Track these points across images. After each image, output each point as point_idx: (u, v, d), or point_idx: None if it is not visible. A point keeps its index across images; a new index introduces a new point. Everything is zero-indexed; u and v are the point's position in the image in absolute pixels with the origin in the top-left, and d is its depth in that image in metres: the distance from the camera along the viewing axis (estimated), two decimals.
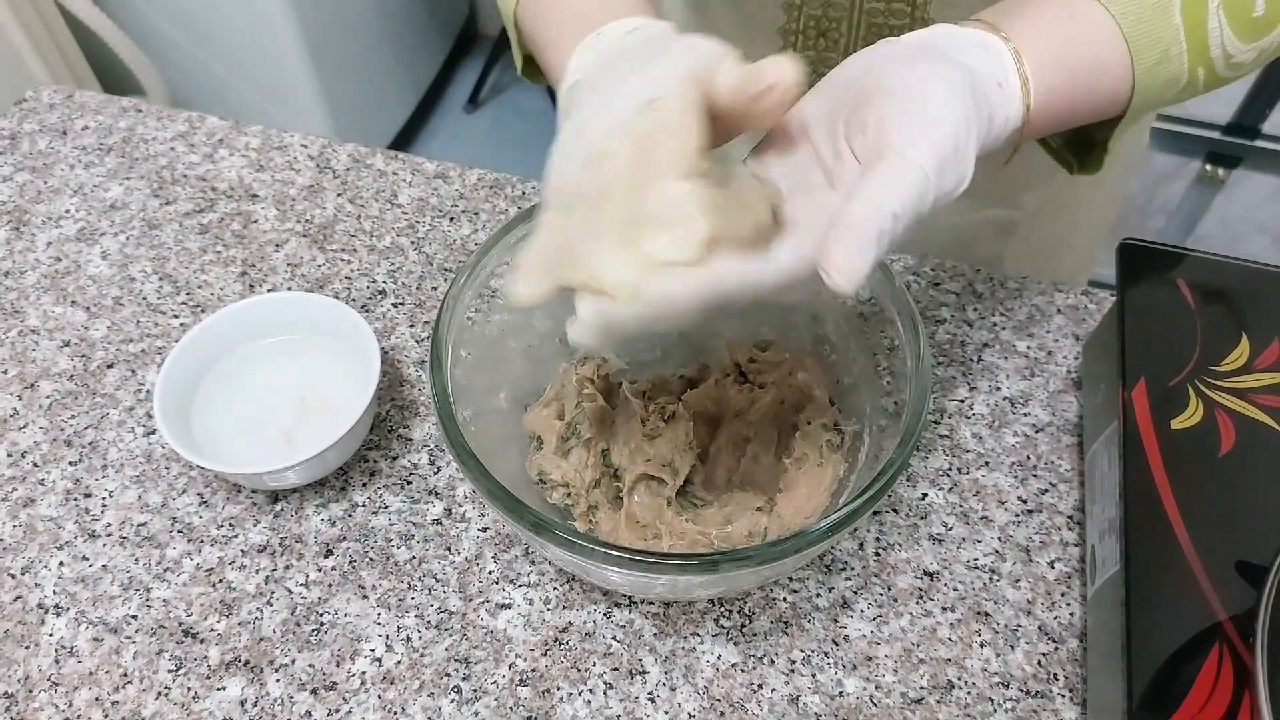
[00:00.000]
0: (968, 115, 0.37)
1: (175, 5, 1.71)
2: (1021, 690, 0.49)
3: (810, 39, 0.60)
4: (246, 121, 0.78)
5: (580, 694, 0.50)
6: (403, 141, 2.12)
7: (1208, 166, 1.55)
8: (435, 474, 0.58)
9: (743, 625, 0.52)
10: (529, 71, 0.53)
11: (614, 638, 0.51)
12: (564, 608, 0.52)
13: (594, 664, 0.51)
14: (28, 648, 0.51)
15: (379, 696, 0.50)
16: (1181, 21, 0.43)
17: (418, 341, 0.64)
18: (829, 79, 0.41)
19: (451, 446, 0.45)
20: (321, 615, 0.52)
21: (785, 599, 0.53)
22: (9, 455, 0.59)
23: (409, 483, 0.57)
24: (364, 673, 0.50)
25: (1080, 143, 0.50)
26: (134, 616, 0.52)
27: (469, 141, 2.18)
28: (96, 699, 0.50)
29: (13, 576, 0.54)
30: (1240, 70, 0.46)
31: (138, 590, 0.53)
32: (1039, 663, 0.50)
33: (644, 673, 0.50)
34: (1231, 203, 1.58)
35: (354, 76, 1.88)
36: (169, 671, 0.51)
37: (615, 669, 0.50)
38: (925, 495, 0.56)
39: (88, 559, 0.55)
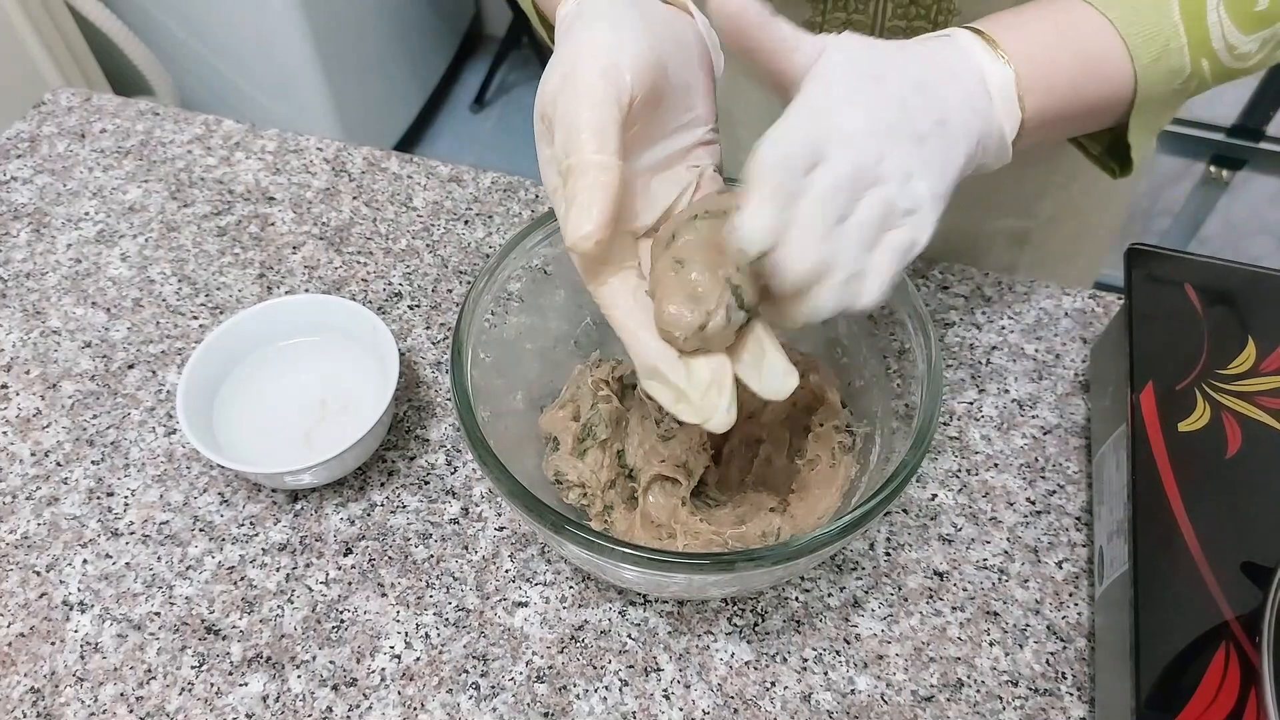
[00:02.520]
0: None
1: (183, 6, 1.72)
2: (1030, 689, 0.50)
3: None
4: (253, 121, 0.79)
5: (596, 691, 0.51)
6: (409, 141, 2.13)
7: (1212, 168, 1.55)
8: (452, 474, 0.59)
9: (755, 624, 0.53)
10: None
11: (629, 636, 0.52)
12: (580, 606, 0.53)
13: (609, 661, 0.51)
14: (54, 644, 0.52)
15: (399, 693, 0.50)
16: (1180, 18, 0.45)
17: (434, 343, 0.65)
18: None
19: (473, 447, 0.45)
20: (341, 613, 0.53)
21: (797, 598, 0.53)
22: (32, 454, 0.60)
23: (426, 483, 0.58)
24: (384, 669, 0.51)
25: (1118, 148, 0.52)
26: (157, 613, 0.53)
27: (475, 141, 2.19)
28: (121, 694, 0.51)
29: (38, 574, 0.55)
30: (1248, 61, 0.47)
31: (160, 588, 0.54)
32: (1047, 661, 0.51)
33: (659, 670, 0.51)
34: (1235, 205, 1.59)
35: (361, 76, 1.89)
36: (192, 668, 0.51)
37: (630, 666, 0.51)
38: (935, 496, 0.57)
39: (111, 557, 0.55)
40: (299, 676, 0.51)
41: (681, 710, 0.50)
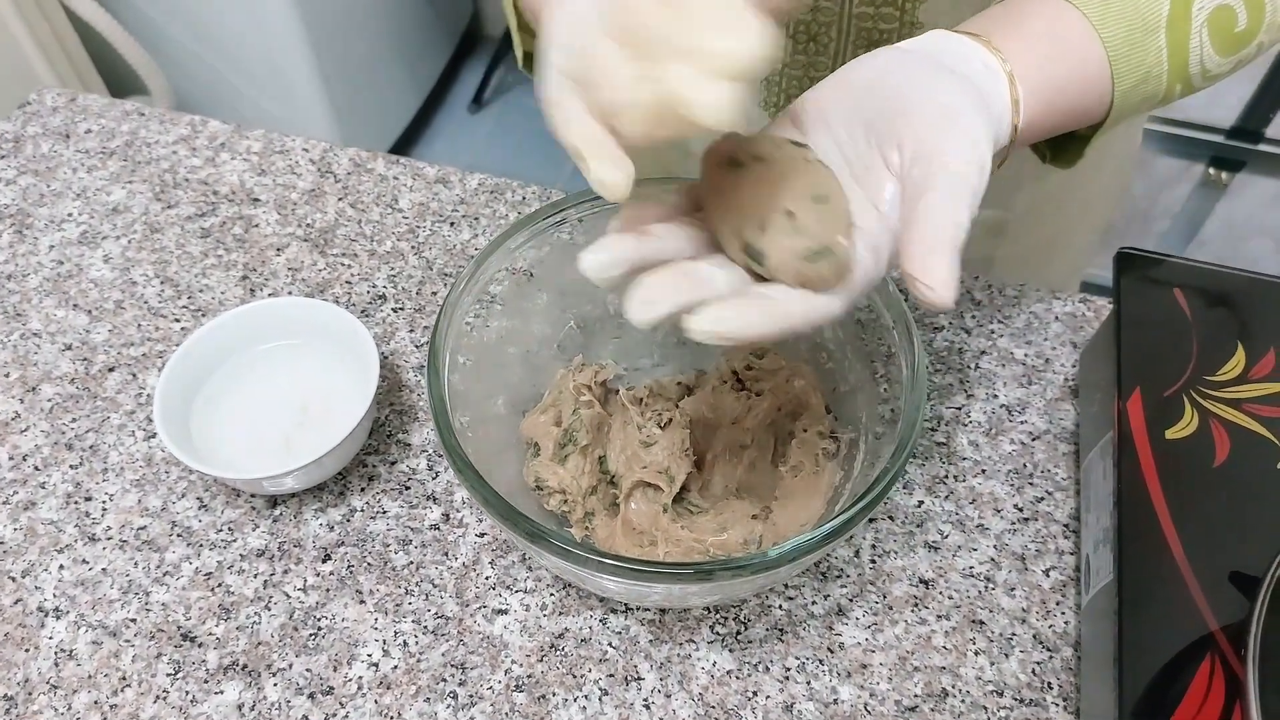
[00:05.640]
0: (988, 130, 0.39)
1: (179, 5, 1.71)
2: (1015, 699, 0.50)
3: (800, 43, 0.60)
4: (250, 122, 0.78)
5: (576, 700, 0.50)
6: (406, 142, 2.12)
7: (1211, 170, 1.55)
8: (433, 479, 0.58)
9: (738, 632, 0.52)
10: (529, 64, 0.54)
11: (610, 644, 0.52)
12: (560, 614, 0.53)
13: (589, 670, 0.51)
14: (27, 650, 0.52)
15: (375, 701, 0.50)
16: (1166, 43, 0.44)
17: (417, 347, 0.64)
18: (845, 77, 0.41)
19: (448, 453, 0.45)
20: (319, 620, 0.53)
21: (781, 606, 0.53)
22: (10, 458, 0.59)
23: (407, 488, 0.58)
24: (361, 677, 0.51)
25: (1057, 136, 0.51)
26: (133, 620, 0.53)
27: (472, 142, 2.18)
28: (95, 702, 0.50)
29: (13, 579, 0.54)
30: (1213, 82, 0.47)
31: (137, 594, 0.54)
32: (1033, 671, 0.50)
33: (639, 679, 0.51)
34: (1234, 207, 1.58)
35: (358, 77, 1.89)
36: (167, 675, 0.51)
37: (611, 675, 0.51)
38: (921, 503, 0.57)
39: (88, 562, 0.55)
40: (275, 685, 0.50)
41: None
